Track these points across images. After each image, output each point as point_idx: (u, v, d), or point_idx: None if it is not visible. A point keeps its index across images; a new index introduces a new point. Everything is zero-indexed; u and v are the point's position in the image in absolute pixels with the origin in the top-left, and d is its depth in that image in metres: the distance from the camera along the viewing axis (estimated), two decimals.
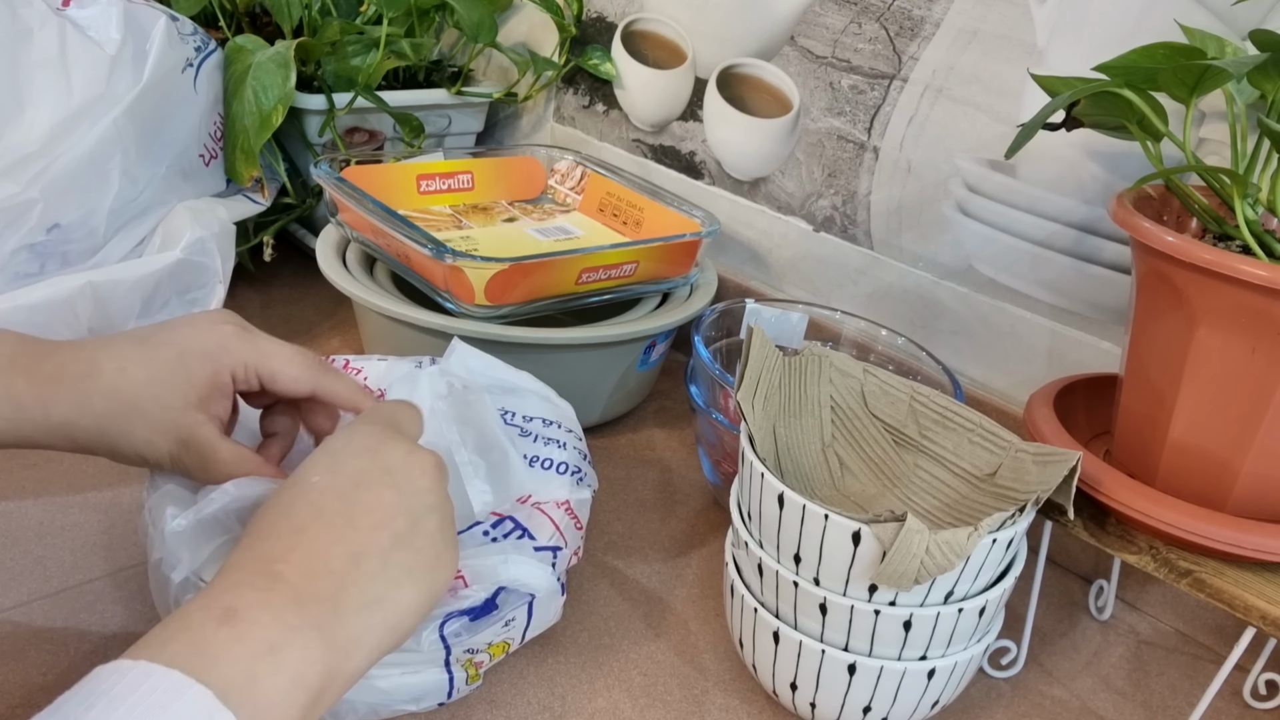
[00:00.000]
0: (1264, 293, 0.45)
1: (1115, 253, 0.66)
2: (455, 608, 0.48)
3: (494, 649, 0.51)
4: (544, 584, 0.50)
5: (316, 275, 0.77)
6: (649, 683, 0.56)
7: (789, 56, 0.81)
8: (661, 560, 0.66)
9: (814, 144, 0.81)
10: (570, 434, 0.60)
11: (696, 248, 0.77)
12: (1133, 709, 0.59)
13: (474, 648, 0.49)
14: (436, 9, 0.93)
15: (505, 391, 0.60)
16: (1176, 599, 0.66)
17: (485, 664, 0.51)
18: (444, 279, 0.69)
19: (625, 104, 0.95)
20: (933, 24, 0.72)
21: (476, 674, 0.51)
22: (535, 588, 0.50)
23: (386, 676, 0.47)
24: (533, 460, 0.57)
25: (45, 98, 0.73)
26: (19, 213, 0.69)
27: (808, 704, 0.52)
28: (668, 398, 0.86)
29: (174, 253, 0.75)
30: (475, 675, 0.51)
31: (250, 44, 0.83)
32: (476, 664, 0.50)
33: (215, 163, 0.84)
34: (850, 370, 0.60)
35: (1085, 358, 0.69)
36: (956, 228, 0.74)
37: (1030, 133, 0.51)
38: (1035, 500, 0.49)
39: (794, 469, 0.58)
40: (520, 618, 0.51)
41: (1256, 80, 0.50)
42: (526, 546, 0.51)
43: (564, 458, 0.57)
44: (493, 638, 0.50)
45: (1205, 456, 0.51)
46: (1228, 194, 0.50)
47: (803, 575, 0.49)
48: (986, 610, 0.49)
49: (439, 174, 0.87)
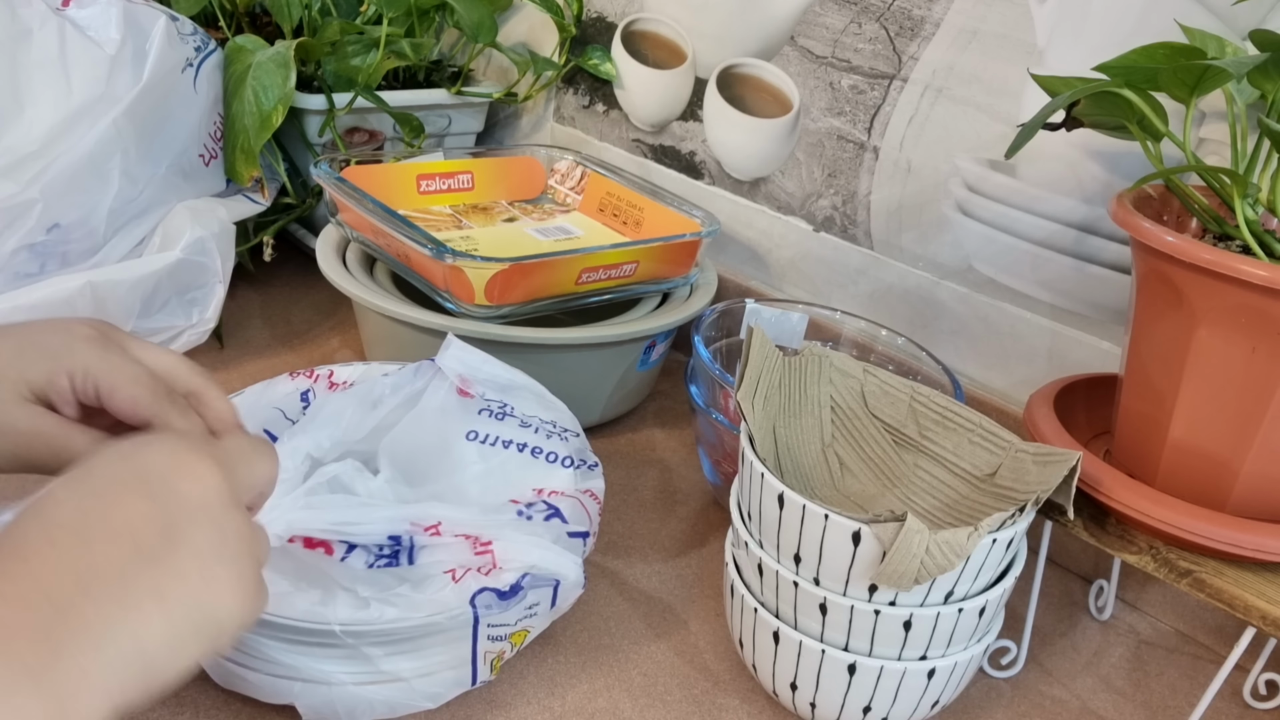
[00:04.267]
0: (1264, 293, 0.45)
1: (1115, 253, 0.66)
2: (487, 585, 0.48)
3: (515, 637, 0.52)
4: (572, 573, 0.51)
5: (316, 275, 0.77)
6: (649, 683, 0.56)
7: (789, 56, 0.81)
8: (661, 560, 0.66)
9: (814, 144, 0.81)
10: (568, 431, 0.60)
11: (696, 248, 0.77)
12: (1133, 709, 0.59)
13: (500, 626, 0.50)
14: (436, 9, 0.92)
15: (500, 389, 0.61)
16: (1176, 599, 0.66)
17: (507, 654, 0.52)
18: (444, 279, 0.69)
19: (625, 104, 0.95)
20: (933, 24, 0.72)
21: (498, 666, 0.51)
22: (563, 575, 0.51)
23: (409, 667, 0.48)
24: (535, 451, 0.58)
25: (45, 98, 0.73)
26: (19, 213, 0.69)
27: (808, 704, 0.52)
28: (668, 398, 0.86)
29: (174, 253, 0.75)
30: (497, 667, 0.51)
31: (250, 44, 0.83)
32: (501, 654, 0.51)
33: (215, 163, 0.84)
34: (850, 370, 0.60)
35: (1085, 358, 0.69)
36: (956, 228, 0.74)
37: (1030, 133, 0.51)
38: (1035, 500, 0.49)
39: (794, 469, 0.58)
40: (544, 603, 0.52)
41: (1256, 80, 0.50)
42: (560, 531, 0.52)
43: (568, 451, 0.58)
44: (517, 618, 0.51)
45: (1205, 456, 0.51)
46: (1228, 194, 0.50)
47: (803, 575, 0.49)
48: (986, 610, 0.49)
49: (439, 174, 0.87)
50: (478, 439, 0.58)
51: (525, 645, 0.54)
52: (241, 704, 0.51)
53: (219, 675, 0.50)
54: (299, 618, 0.46)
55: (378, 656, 0.48)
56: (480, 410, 0.59)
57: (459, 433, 0.58)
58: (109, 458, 0.36)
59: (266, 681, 0.48)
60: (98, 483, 0.35)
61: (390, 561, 0.51)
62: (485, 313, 0.69)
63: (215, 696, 0.51)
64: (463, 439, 0.58)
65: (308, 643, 0.47)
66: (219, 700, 0.51)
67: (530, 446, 0.58)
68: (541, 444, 0.58)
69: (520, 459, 0.57)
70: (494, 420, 0.59)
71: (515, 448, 0.58)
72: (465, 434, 0.58)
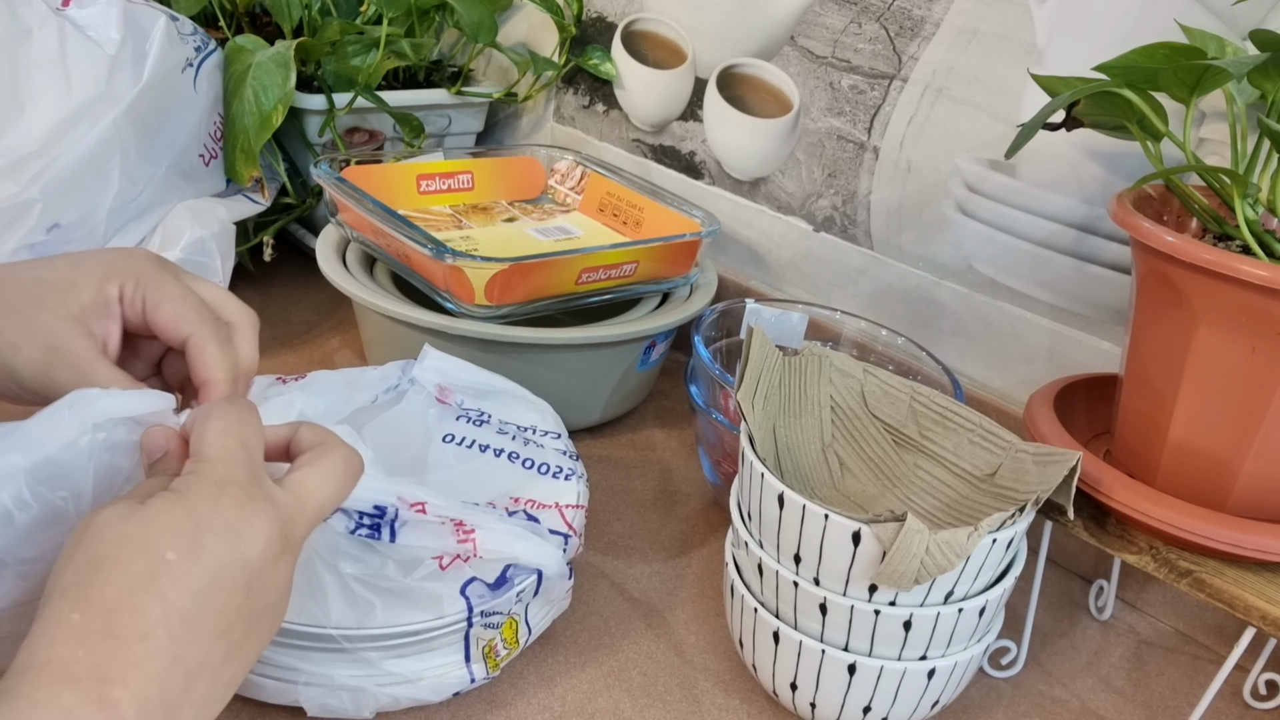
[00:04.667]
0: (1264, 293, 0.45)
1: (1115, 253, 0.66)
2: (476, 575, 0.49)
3: (506, 629, 0.52)
4: (553, 564, 0.51)
5: (316, 275, 0.77)
6: (649, 683, 0.56)
7: (789, 56, 0.81)
8: (661, 560, 0.66)
9: (814, 144, 0.81)
10: (547, 435, 0.61)
11: (696, 248, 0.77)
12: (1133, 709, 0.59)
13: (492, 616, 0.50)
14: (436, 9, 0.92)
15: (480, 395, 0.61)
16: (1176, 599, 0.66)
17: (500, 649, 0.52)
18: (444, 279, 0.69)
19: (625, 104, 0.95)
20: (933, 24, 0.72)
21: (496, 665, 0.52)
22: (544, 565, 0.51)
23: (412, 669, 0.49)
24: (512, 457, 0.58)
25: (45, 97, 0.73)
26: (19, 213, 0.69)
27: (808, 704, 0.52)
28: (668, 398, 0.86)
29: (174, 253, 0.75)
30: (495, 665, 0.52)
31: (250, 44, 0.83)
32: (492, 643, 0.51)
33: (215, 163, 0.84)
34: (850, 370, 0.60)
35: (1085, 358, 0.69)
36: (956, 228, 0.74)
37: (1030, 133, 0.51)
38: (1035, 500, 0.49)
39: (794, 469, 0.58)
40: (529, 588, 0.52)
41: (1256, 80, 0.50)
42: (541, 529, 0.53)
43: (544, 459, 0.59)
44: (506, 607, 0.51)
45: (1205, 456, 0.51)
46: (1228, 194, 0.50)
47: (803, 575, 0.49)
48: (986, 610, 0.49)
49: (439, 174, 0.87)
50: (454, 441, 0.58)
51: (526, 645, 0.54)
52: (242, 703, 0.51)
53: None
54: (297, 621, 0.47)
55: (375, 657, 0.48)
56: (458, 417, 0.60)
57: (437, 434, 0.59)
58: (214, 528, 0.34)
59: (269, 684, 0.49)
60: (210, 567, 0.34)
61: (372, 533, 0.51)
62: (485, 313, 0.69)
63: None
64: (439, 441, 0.58)
65: (307, 647, 0.47)
66: None
67: (507, 452, 0.58)
68: (519, 450, 0.59)
69: (498, 464, 0.58)
70: (472, 426, 0.59)
71: (492, 453, 0.58)
72: (442, 436, 0.58)
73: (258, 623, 0.35)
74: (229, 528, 0.35)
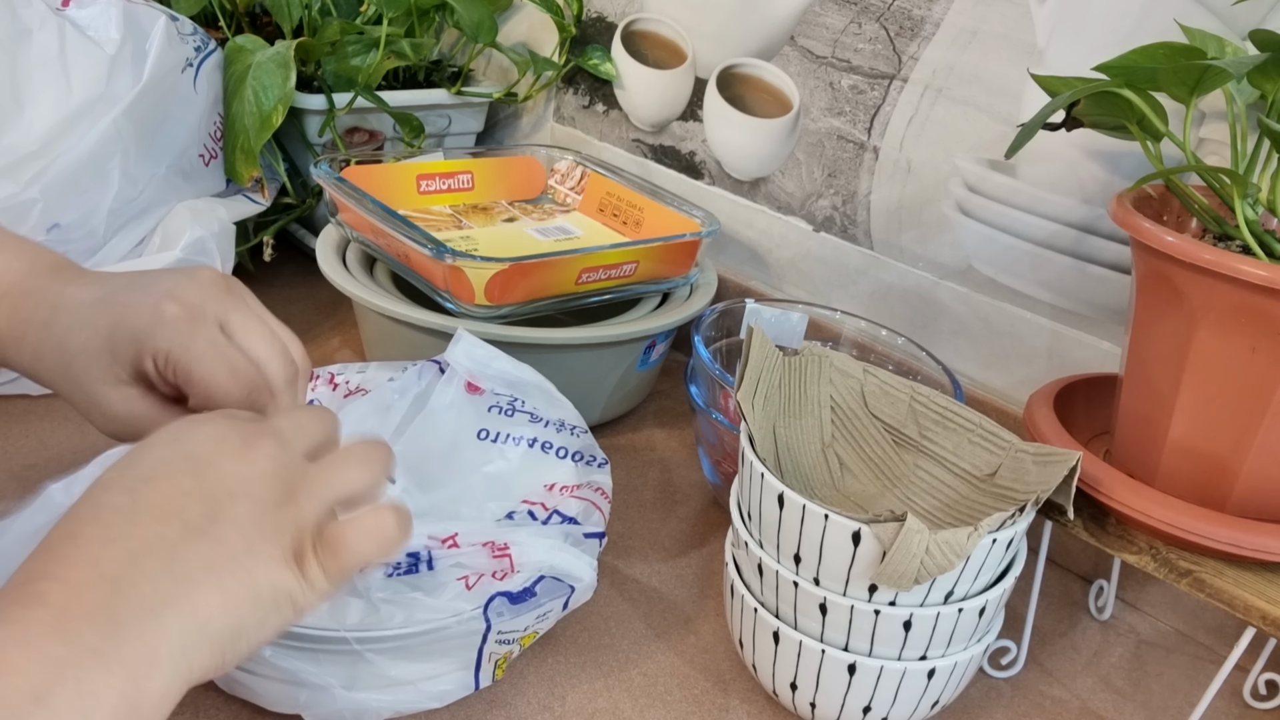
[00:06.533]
0: (1264, 293, 0.45)
1: (1115, 253, 0.66)
2: (501, 589, 0.49)
3: (524, 639, 0.52)
4: (587, 577, 0.51)
5: (316, 275, 0.77)
6: (649, 683, 0.56)
7: (789, 56, 0.81)
8: (661, 560, 0.66)
9: (814, 144, 0.81)
10: (576, 428, 0.61)
11: (696, 248, 0.77)
12: (1133, 709, 0.59)
13: (509, 632, 0.50)
14: (436, 9, 0.92)
15: (509, 384, 0.61)
16: (1176, 599, 0.66)
17: (515, 655, 0.52)
18: (444, 279, 0.69)
19: (625, 104, 0.95)
20: (933, 24, 0.72)
21: (504, 668, 0.52)
22: (578, 580, 0.51)
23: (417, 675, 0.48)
24: (545, 446, 0.58)
25: (45, 97, 0.73)
26: (19, 213, 0.69)
27: (808, 704, 0.52)
28: (668, 398, 0.86)
29: (174, 252, 0.75)
30: (501, 670, 0.52)
31: (250, 44, 0.83)
32: (507, 655, 0.51)
33: (215, 163, 0.84)
34: (850, 370, 0.60)
35: (1085, 358, 0.69)
36: (956, 228, 0.74)
37: (1030, 133, 0.51)
38: (1035, 500, 0.49)
39: (794, 469, 0.58)
40: (555, 610, 0.52)
41: (1256, 80, 0.50)
42: (576, 533, 0.53)
43: (577, 447, 0.59)
44: (527, 624, 0.51)
45: (1205, 456, 0.51)
46: (1228, 194, 0.50)
47: (803, 575, 0.49)
48: (986, 610, 0.49)
49: (439, 174, 0.87)
50: (488, 437, 0.58)
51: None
52: (241, 706, 0.51)
53: (223, 681, 0.50)
54: (309, 625, 0.46)
55: (384, 664, 0.47)
56: (490, 407, 0.59)
57: (470, 431, 0.58)
58: (158, 441, 0.36)
59: (271, 688, 0.48)
60: (146, 466, 0.35)
61: (411, 571, 0.52)
62: (485, 313, 0.69)
63: (219, 702, 0.51)
64: (474, 438, 0.58)
65: (314, 650, 0.47)
66: (220, 704, 0.51)
67: (540, 441, 0.58)
68: (551, 438, 0.59)
69: (531, 454, 0.58)
70: (504, 416, 0.59)
71: (525, 443, 0.58)
72: (476, 433, 0.58)
73: (222, 507, 0.34)
74: (170, 436, 0.36)
